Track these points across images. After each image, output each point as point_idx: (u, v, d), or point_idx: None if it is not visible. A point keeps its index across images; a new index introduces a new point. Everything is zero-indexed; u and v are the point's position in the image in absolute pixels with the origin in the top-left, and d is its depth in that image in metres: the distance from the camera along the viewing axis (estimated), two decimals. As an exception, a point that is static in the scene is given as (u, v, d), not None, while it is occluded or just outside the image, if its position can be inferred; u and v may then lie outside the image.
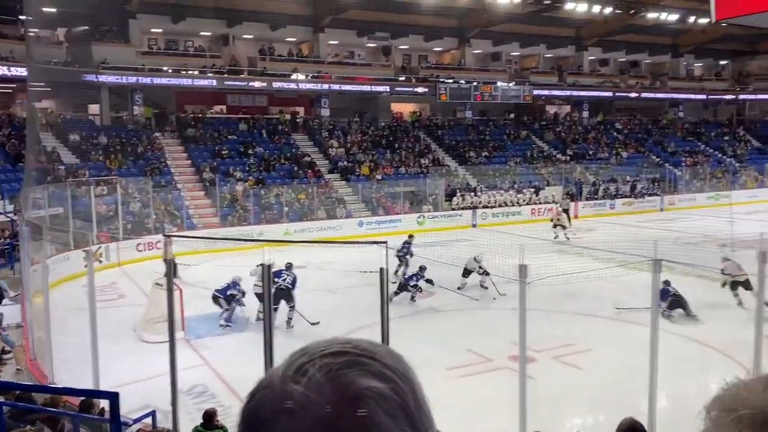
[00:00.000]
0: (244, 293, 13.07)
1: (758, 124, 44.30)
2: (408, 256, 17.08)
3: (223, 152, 28.39)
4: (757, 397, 0.68)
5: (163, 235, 13.66)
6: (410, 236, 18.10)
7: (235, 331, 12.77)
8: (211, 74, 30.29)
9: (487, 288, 15.36)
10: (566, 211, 27.54)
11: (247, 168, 27.78)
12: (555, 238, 22.95)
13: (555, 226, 23.62)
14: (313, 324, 12.78)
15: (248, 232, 23.10)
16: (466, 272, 15.69)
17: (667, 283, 12.47)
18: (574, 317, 13.28)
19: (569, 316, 13.27)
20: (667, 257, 8.09)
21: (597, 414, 8.88)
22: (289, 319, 13.08)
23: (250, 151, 28.87)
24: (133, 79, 28.26)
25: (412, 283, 14.48)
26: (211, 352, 11.70)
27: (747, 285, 12.78)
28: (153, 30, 31.02)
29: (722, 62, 47.38)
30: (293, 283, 13.22)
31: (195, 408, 8.86)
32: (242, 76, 31.35)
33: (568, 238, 22.86)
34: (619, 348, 11.08)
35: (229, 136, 29.70)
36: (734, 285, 13.32)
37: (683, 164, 36.36)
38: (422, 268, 14.66)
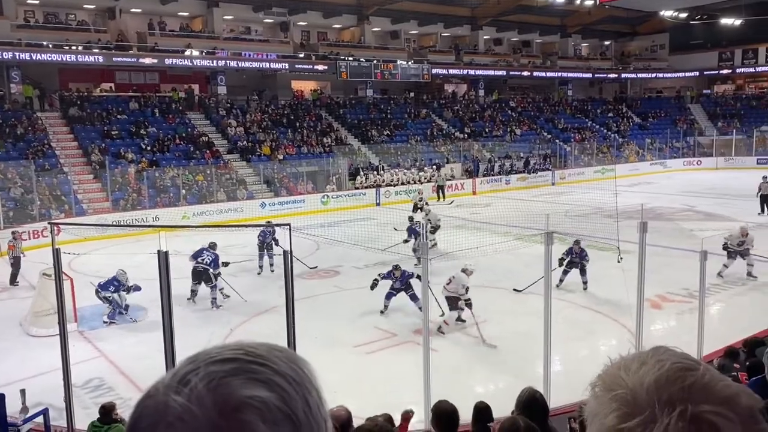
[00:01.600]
0: (128, 288, 12.43)
1: (639, 102, 47.36)
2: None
3: (113, 133, 26.91)
4: (630, 377, 0.72)
5: (49, 223, 12.85)
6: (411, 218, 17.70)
7: (133, 320, 12.26)
8: (97, 50, 28.47)
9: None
10: (441, 187, 28.36)
11: (140, 149, 26.51)
12: (410, 219, 20.76)
13: (415, 209, 21.70)
14: (311, 268, 14.52)
15: (143, 216, 22.16)
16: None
17: (577, 242, 13.27)
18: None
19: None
20: (558, 230, 8.52)
21: (497, 382, 9.28)
22: (213, 299, 12.81)
23: (142, 131, 27.55)
24: (8, 55, 26.05)
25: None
26: (108, 344, 11.18)
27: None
28: (29, 1, 28.71)
29: (606, 42, 50.12)
30: (213, 263, 12.88)
31: (92, 402, 8.46)
32: (131, 52, 29.71)
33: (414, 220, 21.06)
34: (516, 317, 11.61)
35: (119, 116, 28.16)
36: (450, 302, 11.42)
37: (572, 140, 38.31)
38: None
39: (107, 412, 6.51)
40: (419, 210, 22.03)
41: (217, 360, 0.67)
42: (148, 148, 26.72)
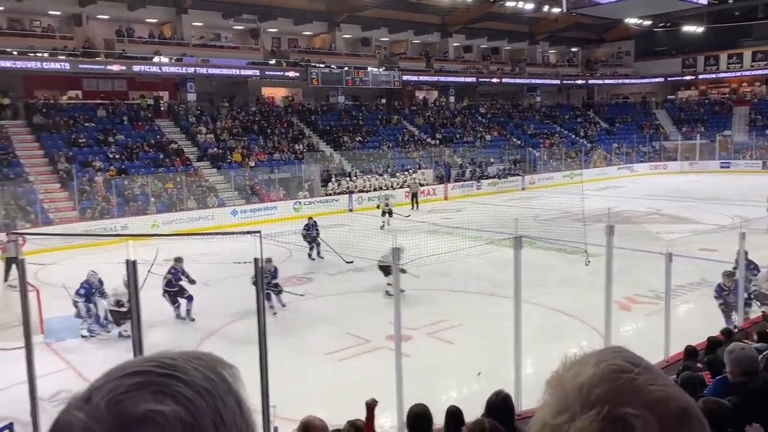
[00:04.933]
0: (103, 293, 12.20)
1: (606, 107, 48.20)
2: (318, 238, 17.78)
3: (80, 141, 26.47)
4: (567, 376, 0.76)
5: (8, 234, 12.59)
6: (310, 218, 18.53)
7: (103, 331, 12.04)
8: (63, 57, 27.99)
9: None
10: (415, 195, 28.48)
11: (108, 157, 26.12)
12: (381, 227, 21.94)
13: (384, 213, 22.62)
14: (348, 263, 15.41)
15: (112, 225, 21.81)
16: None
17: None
18: (446, 294, 13.84)
19: (441, 294, 13.82)
20: (527, 234, 8.63)
21: (471, 385, 9.34)
22: (188, 311, 12.80)
23: (110, 139, 27.15)
24: (-30, 62, 25.52)
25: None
26: (76, 355, 10.97)
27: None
28: (-8, 7, 28.16)
29: (573, 49, 50.94)
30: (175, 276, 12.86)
31: (59, 416, 8.29)
32: (99, 59, 29.29)
33: (384, 226, 21.95)
34: (488, 321, 11.70)
35: (86, 124, 27.71)
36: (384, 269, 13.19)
37: (541, 145, 38.81)
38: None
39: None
40: (386, 214, 22.31)
41: (126, 374, 0.66)
42: (117, 156, 26.34)
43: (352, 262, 16.24)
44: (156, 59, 30.32)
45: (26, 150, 25.39)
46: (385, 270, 12.88)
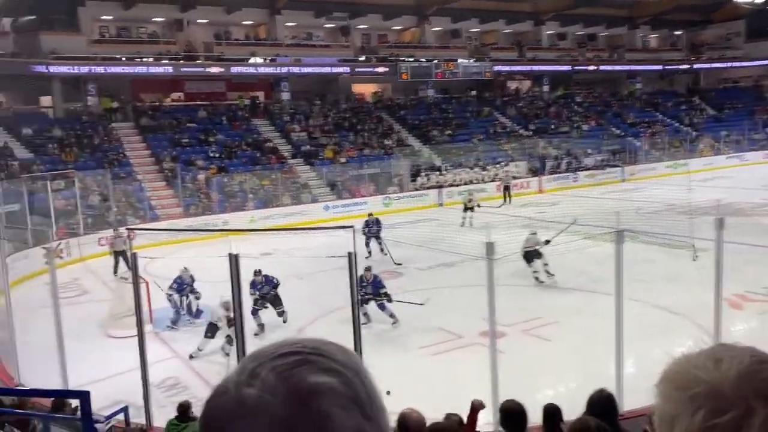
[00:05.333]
0: (193, 289, 12.77)
1: (713, 93, 45.31)
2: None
3: (183, 141, 27.87)
4: (708, 374, 0.72)
5: (126, 228, 13.40)
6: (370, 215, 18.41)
7: (205, 322, 12.62)
8: (166, 61, 29.58)
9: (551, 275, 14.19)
10: (507, 188, 27.76)
11: (209, 156, 27.35)
12: (461, 224, 21.10)
13: (465, 209, 21.62)
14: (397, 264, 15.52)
15: (213, 221, 22.83)
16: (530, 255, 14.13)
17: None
18: (541, 290, 13.50)
19: (537, 290, 13.50)
20: (629, 227, 8.25)
21: (568, 383, 9.06)
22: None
23: (210, 139, 28.41)
24: (85, 69, 27.43)
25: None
26: (181, 345, 11.57)
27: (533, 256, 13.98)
28: (103, 17, 30.10)
29: (677, 33, 48.21)
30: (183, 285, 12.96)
31: (168, 401, 8.77)
32: (199, 61, 30.71)
33: (472, 225, 20.64)
34: (585, 318, 11.31)
35: (189, 124, 29.14)
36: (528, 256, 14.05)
37: (642, 135, 37.04)
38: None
39: (185, 410, 6.74)
40: (470, 210, 21.71)
41: (279, 355, 0.71)
42: (217, 154, 27.54)
43: (400, 264, 16.42)
44: (252, 60, 31.42)
45: (135, 150, 27.02)
46: (528, 257, 13.78)
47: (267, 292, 12.03)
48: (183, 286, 12.67)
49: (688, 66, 45.70)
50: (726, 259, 7.60)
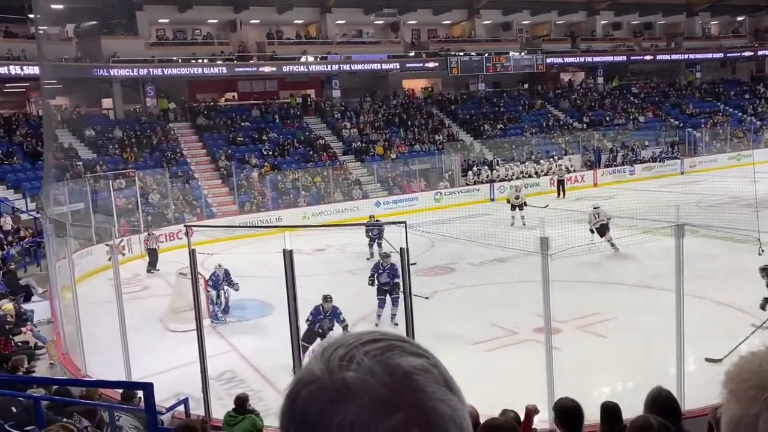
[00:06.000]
0: (231, 284, 13.02)
1: (778, 80, 43.32)
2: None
3: (238, 139, 28.46)
4: None
5: (185, 225, 13.71)
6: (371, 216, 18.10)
7: (259, 316, 12.88)
8: (220, 62, 30.26)
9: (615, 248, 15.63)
10: (561, 182, 27.12)
11: (263, 154, 27.85)
12: (512, 224, 20.34)
13: (513, 207, 20.85)
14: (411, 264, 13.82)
15: (267, 217, 23.23)
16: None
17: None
18: (597, 286, 13.22)
19: (592, 286, 13.22)
20: (689, 221, 7.99)
21: (625, 381, 8.85)
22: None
23: (264, 137, 28.91)
24: (143, 71, 28.33)
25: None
26: (238, 338, 11.83)
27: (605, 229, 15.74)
28: (160, 20, 30.98)
29: (739, 18, 46.22)
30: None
31: (226, 394, 8.99)
32: (252, 61, 31.28)
33: (524, 224, 19.94)
34: (644, 315, 11.00)
35: (243, 123, 29.72)
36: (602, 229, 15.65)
37: (703, 126, 35.74)
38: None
39: (242, 402, 6.89)
40: (516, 208, 20.90)
41: (365, 341, 0.73)
42: (270, 152, 28.00)
43: (414, 264, 14.64)
44: (303, 59, 31.79)
45: (191, 149, 27.75)
46: (601, 231, 15.66)
47: (329, 327, 10.20)
48: (218, 281, 12.99)
49: (752, 53, 43.78)
50: (795, 253, 7.27)
